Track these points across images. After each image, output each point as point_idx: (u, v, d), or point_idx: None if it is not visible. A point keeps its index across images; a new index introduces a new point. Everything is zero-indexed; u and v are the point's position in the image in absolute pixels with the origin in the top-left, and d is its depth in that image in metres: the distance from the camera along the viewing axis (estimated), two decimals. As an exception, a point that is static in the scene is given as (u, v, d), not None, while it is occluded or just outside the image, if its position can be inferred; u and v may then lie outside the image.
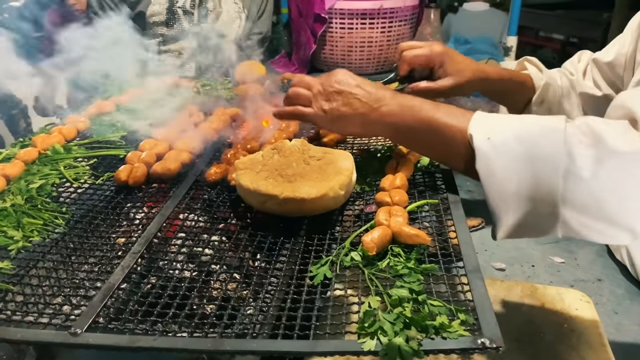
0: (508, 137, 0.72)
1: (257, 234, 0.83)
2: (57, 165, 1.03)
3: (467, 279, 0.65)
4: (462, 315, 0.59)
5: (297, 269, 0.74)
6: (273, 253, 0.78)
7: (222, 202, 0.93)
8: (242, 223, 0.86)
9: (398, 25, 2.39)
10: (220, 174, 0.97)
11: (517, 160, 0.70)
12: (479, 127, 0.75)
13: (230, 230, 0.86)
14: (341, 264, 0.73)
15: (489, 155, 0.72)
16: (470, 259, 0.69)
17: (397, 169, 0.95)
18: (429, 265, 0.69)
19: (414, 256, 0.72)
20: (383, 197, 0.86)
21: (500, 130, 0.73)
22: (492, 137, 0.73)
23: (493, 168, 0.72)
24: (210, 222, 0.88)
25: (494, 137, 0.73)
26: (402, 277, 0.67)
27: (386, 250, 0.74)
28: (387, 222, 0.78)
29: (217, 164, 1.00)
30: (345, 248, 0.76)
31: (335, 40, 2.38)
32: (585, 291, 1.02)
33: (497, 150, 0.72)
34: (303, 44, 2.46)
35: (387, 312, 0.61)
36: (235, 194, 0.94)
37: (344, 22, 2.33)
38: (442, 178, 0.95)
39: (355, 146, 1.15)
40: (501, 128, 0.74)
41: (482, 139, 0.73)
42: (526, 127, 0.72)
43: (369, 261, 0.73)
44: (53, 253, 0.79)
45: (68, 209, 0.90)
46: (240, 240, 0.81)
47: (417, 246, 0.74)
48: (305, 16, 2.39)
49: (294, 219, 0.86)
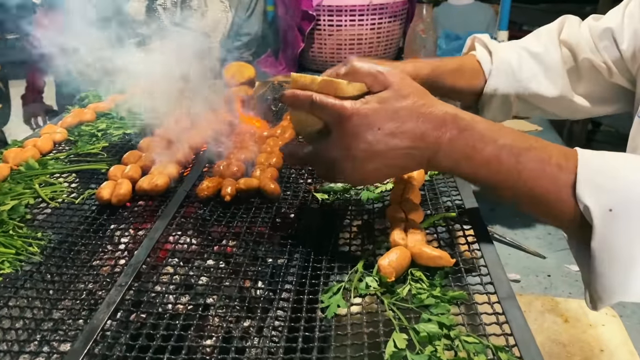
0: (633, 207, 0.55)
1: (258, 256, 0.75)
2: (31, 182, 0.94)
3: (502, 307, 0.58)
4: (503, 354, 0.52)
5: (307, 298, 0.65)
6: (277, 280, 0.70)
7: (216, 220, 0.84)
8: (239, 243, 0.78)
9: (388, 22, 2.31)
10: (213, 189, 0.88)
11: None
12: (593, 190, 0.57)
13: (227, 252, 0.78)
14: (355, 290, 0.65)
15: (612, 230, 0.55)
16: (502, 283, 0.61)
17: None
18: (457, 292, 0.61)
19: (439, 281, 0.64)
20: (396, 212, 0.78)
21: (622, 196, 0.55)
22: (614, 209, 0.55)
23: (614, 246, 0.56)
24: (205, 244, 0.79)
25: (616, 208, 0.55)
26: (428, 308, 0.60)
27: (405, 274, 0.67)
28: (404, 242, 0.70)
29: (208, 177, 0.91)
30: (358, 272, 0.68)
31: (324, 38, 2.30)
32: (607, 302, 0.96)
33: (619, 225, 0.55)
34: (291, 43, 2.37)
35: (417, 353, 0.53)
36: (231, 209, 0.86)
37: (332, 19, 2.25)
38: (455, 184, 0.87)
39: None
40: (621, 191, 0.56)
41: (603, 213, 0.55)
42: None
43: (387, 288, 0.65)
44: (27, 287, 0.70)
45: (44, 234, 0.80)
46: (240, 265, 0.73)
47: (440, 269, 0.66)
48: (293, 13, 2.30)
49: (298, 235, 0.78)
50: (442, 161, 0.64)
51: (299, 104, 0.67)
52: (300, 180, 0.97)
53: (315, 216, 0.86)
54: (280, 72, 2.43)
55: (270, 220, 0.83)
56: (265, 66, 2.54)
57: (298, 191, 0.93)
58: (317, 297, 0.65)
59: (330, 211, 0.87)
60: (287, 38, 2.39)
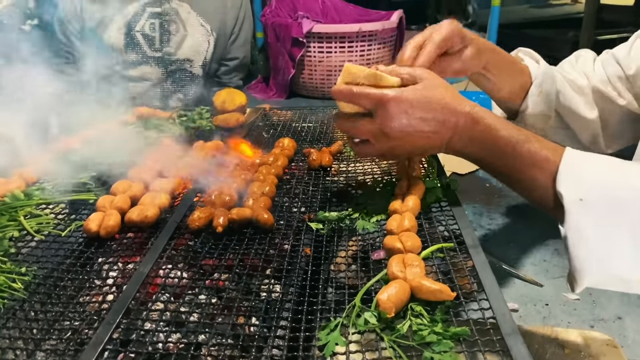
0: (601, 201, 0.66)
1: (251, 290, 0.72)
2: (16, 214, 0.91)
3: (506, 344, 0.56)
4: (511, 396, 0.50)
5: (303, 335, 0.63)
6: (272, 316, 0.67)
7: (208, 252, 0.82)
8: (232, 277, 0.75)
9: (377, 48, 2.34)
10: (205, 219, 0.86)
11: (610, 226, 0.64)
12: (569, 182, 0.69)
13: (219, 287, 0.75)
14: (354, 327, 0.63)
15: (581, 219, 0.67)
16: (505, 318, 0.59)
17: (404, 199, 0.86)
18: (459, 329, 0.59)
19: (440, 316, 0.62)
20: (393, 243, 0.76)
21: (593, 191, 0.67)
22: (584, 199, 0.67)
23: (584, 233, 0.67)
24: (196, 278, 0.77)
25: (586, 198, 0.67)
26: (430, 346, 0.57)
27: (405, 309, 0.65)
28: (403, 275, 0.68)
29: (200, 207, 0.89)
30: (356, 307, 0.66)
31: (314, 64, 2.32)
32: (607, 331, 0.95)
33: (589, 215, 0.66)
34: (281, 69, 2.38)
35: (420, 394, 0.51)
36: (223, 241, 0.83)
37: (322, 46, 2.27)
38: (451, 213, 0.86)
39: (351, 176, 1.06)
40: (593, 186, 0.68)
41: (574, 200, 0.67)
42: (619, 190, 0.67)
43: (386, 324, 0.63)
44: (9, 327, 0.66)
45: (29, 268, 0.77)
46: (232, 300, 0.70)
47: (441, 303, 0.64)
48: (283, 40, 2.32)
49: (293, 267, 0.75)
50: (456, 144, 0.79)
51: (342, 96, 0.82)
52: (294, 209, 0.96)
53: (310, 247, 0.84)
54: (271, 97, 2.44)
55: (264, 252, 0.80)
56: (256, 92, 2.55)
57: (292, 220, 0.91)
58: (313, 334, 0.63)
59: (325, 241, 0.85)
60: (278, 64, 2.40)
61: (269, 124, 1.45)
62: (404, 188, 0.92)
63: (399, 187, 0.92)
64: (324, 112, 1.51)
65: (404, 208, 0.86)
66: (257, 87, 2.57)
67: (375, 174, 1.08)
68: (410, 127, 0.78)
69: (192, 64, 2.04)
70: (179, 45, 1.99)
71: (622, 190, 0.66)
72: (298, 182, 1.05)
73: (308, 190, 1.02)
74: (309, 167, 1.11)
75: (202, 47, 2.02)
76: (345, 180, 1.08)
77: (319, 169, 1.11)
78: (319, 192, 1.01)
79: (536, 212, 1.37)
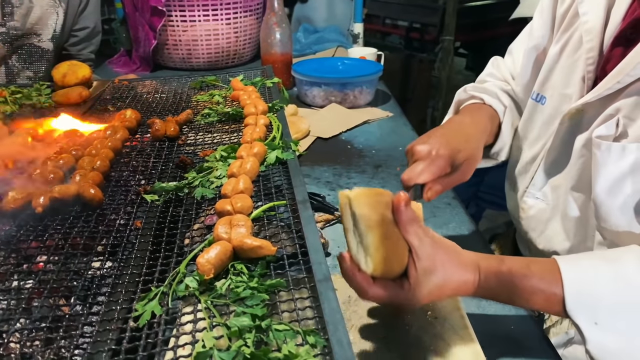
0: (615, 319, 0.71)
1: (70, 270, 0.67)
2: None
3: (318, 290, 0.58)
4: (311, 338, 0.51)
5: (119, 309, 0.60)
6: (89, 293, 0.63)
7: (24, 234, 0.75)
8: (49, 258, 0.70)
9: (244, 16, 2.29)
10: (22, 200, 0.79)
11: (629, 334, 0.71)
12: (580, 310, 0.72)
13: (36, 270, 0.69)
14: (174, 294, 0.61)
15: (601, 341, 0.71)
16: (321, 266, 0.61)
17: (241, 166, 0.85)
18: (274, 280, 0.60)
19: (258, 272, 0.62)
20: (224, 206, 0.75)
21: (605, 312, 0.71)
22: (598, 322, 0.71)
23: (607, 348, 0.71)
24: (11, 264, 0.70)
25: (600, 321, 0.71)
26: (243, 301, 0.57)
27: (227, 269, 0.64)
28: (228, 236, 0.67)
29: (16, 188, 0.81)
30: (179, 274, 0.64)
31: (178, 34, 2.21)
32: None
33: (607, 336, 0.71)
34: (142, 40, 2.24)
35: (226, 350, 0.50)
36: (44, 222, 0.77)
37: (184, 15, 2.17)
38: (289, 175, 0.87)
39: (199, 145, 1.03)
40: (605, 310, 0.72)
41: (591, 326, 0.71)
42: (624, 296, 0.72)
43: (207, 286, 0.62)
44: None
45: None
46: (47, 282, 0.65)
47: (262, 259, 0.64)
48: (142, 10, 2.18)
49: (120, 242, 0.71)
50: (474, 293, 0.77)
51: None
52: (132, 182, 0.90)
53: (143, 220, 0.80)
54: (134, 71, 2.30)
55: (89, 229, 0.75)
56: (119, 66, 2.38)
57: (127, 194, 0.86)
58: (131, 307, 0.60)
59: (161, 212, 0.82)
60: (139, 35, 2.26)
61: (117, 97, 1.35)
62: (246, 150, 0.90)
63: (240, 151, 0.91)
64: (178, 82, 1.44)
65: (241, 171, 0.85)
66: (119, 61, 2.41)
67: (224, 142, 1.05)
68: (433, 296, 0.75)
69: (41, 38, 1.85)
70: (24, 18, 1.79)
71: (629, 297, 0.72)
72: (139, 154, 1.00)
73: (149, 162, 0.97)
74: (153, 138, 1.06)
75: (50, 19, 1.83)
76: (193, 150, 1.04)
77: (164, 140, 1.06)
78: (160, 164, 0.97)
79: (387, 166, 1.44)
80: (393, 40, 4.79)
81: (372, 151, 1.55)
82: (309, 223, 0.70)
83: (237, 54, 2.34)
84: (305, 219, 0.71)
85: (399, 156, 1.51)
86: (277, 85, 1.32)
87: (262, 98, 1.19)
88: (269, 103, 1.15)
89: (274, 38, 1.96)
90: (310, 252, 0.64)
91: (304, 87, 1.90)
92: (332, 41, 2.56)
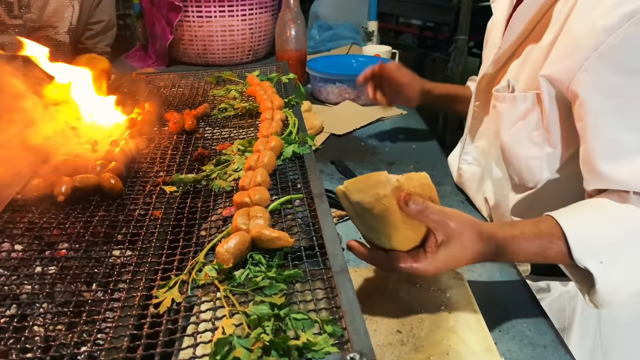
0: (618, 254, 0.79)
1: (91, 257, 0.69)
2: None
3: (335, 281, 0.58)
4: (328, 327, 0.52)
5: (140, 295, 0.61)
6: (110, 280, 0.65)
7: (47, 222, 0.76)
8: (71, 245, 0.71)
9: (259, 13, 2.30)
10: (45, 189, 0.80)
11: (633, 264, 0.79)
12: (586, 255, 0.78)
13: (59, 256, 0.71)
14: (193, 282, 0.62)
15: (609, 275, 0.78)
16: (337, 258, 0.62)
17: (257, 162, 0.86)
18: (292, 271, 0.61)
19: (276, 262, 0.63)
20: (242, 198, 0.76)
21: (605, 252, 0.78)
22: (603, 261, 0.77)
23: (616, 280, 0.79)
24: (34, 250, 0.72)
25: (604, 260, 0.78)
26: (262, 290, 0.58)
27: (245, 259, 0.65)
28: (246, 227, 0.68)
29: (39, 176, 0.83)
30: (198, 263, 0.65)
31: (194, 29, 2.23)
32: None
33: (609, 269, 0.78)
34: (158, 35, 2.26)
35: (246, 337, 0.51)
36: (66, 211, 0.79)
37: (201, 10, 2.18)
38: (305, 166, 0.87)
39: (216, 139, 1.04)
40: (607, 248, 0.79)
41: (597, 266, 0.77)
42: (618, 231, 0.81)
43: (226, 275, 0.63)
44: None
45: None
46: (69, 269, 0.66)
47: (279, 250, 0.65)
48: (158, 5, 2.20)
49: (140, 232, 0.73)
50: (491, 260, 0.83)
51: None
52: (151, 174, 0.92)
53: (162, 210, 0.81)
54: (150, 66, 2.32)
55: (109, 219, 0.77)
56: (134, 60, 2.41)
57: (146, 185, 0.87)
58: (151, 294, 0.61)
59: (179, 203, 0.83)
60: (155, 31, 2.28)
61: (135, 90, 1.37)
62: (263, 144, 0.91)
63: (257, 145, 0.92)
64: (195, 77, 1.46)
65: (259, 164, 0.86)
66: (135, 55, 2.43)
67: (240, 137, 1.06)
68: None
69: (57, 31, 1.88)
70: (41, 10, 1.81)
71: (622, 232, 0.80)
72: (157, 147, 1.01)
73: (166, 154, 0.98)
74: (171, 131, 1.07)
75: (67, 11, 1.86)
76: (210, 144, 1.05)
77: (182, 133, 1.08)
78: (178, 156, 0.98)
79: (400, 163, 1.44)
80: (406, 39, 4.78)
81: (386, 148, 1.55)
82: (325, 216, 0.71)
83: (251, 50, 2.35)
84: (322, 212, 0.72)
85: (412, 154, 1.51)
86: (293, 81, 1.32)
87: (277, 93, 1.20)
88: (285, 99, 1.16)
89: (289, 34, 1.96)
90: (327, 244, 0.65)
91: (318, 83, 1.91)
92: (347, 38, 2.56)
